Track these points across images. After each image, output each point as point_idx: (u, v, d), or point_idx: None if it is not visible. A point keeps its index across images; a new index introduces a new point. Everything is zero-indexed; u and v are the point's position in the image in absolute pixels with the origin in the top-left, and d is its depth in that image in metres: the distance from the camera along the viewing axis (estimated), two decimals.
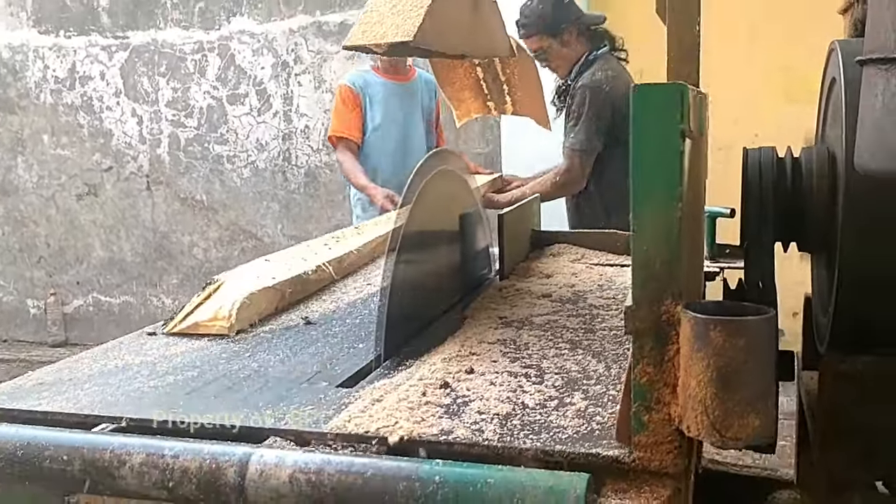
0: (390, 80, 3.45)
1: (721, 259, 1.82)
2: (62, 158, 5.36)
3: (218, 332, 1.38)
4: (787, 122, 1.47)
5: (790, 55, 4.10)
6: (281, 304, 1.56)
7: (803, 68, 4.09)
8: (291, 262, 1.73)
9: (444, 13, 1.31)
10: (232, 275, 1.59)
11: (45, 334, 5.47)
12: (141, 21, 5.06)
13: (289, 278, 1.60)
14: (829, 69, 1.45)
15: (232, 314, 1.39)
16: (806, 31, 3.95)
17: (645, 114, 0.81)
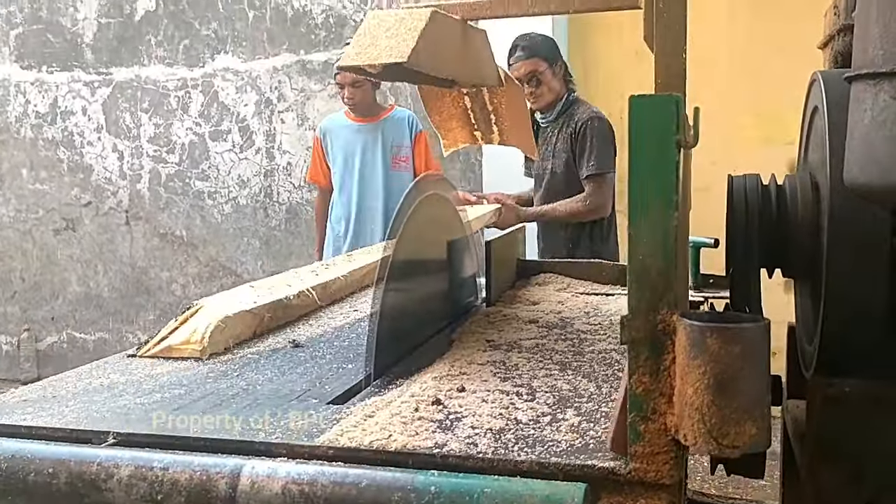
0: (355, 122, 3.76)
1: (705, 289, 1.84)
2: (41, 193, 5.32)
3: (190, 356, 1.36)
4: (764, 164, 1.52)
5: (765, 99, 4.20)
6: (259, 329, 1.54)
7: (777, 112, 4.20)
8: (275, 288, 1.71)
9: (437, 39, 1.33)
10: (212, 300, 1.58)
11: (17, 371, 5.37)
12: (125, 57, 5.08)
13: (268, 302, 1.58)
14: (810, 99, 1.48)
15: (205, 337, 1.38)
16: (780, 75, 4.05)
17: (641, 125, 0.83)
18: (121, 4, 5.05)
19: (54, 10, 5.16)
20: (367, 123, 3.75)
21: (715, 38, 4.21)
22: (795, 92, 1.65)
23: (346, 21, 4.67)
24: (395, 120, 3.78)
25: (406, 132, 3.77)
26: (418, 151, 3.79)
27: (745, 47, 4.23)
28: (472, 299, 1.75)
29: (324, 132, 3.83)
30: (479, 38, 1.59)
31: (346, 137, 3.76)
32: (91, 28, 5.12)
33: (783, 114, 4.17)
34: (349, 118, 3.79)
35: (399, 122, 3.77)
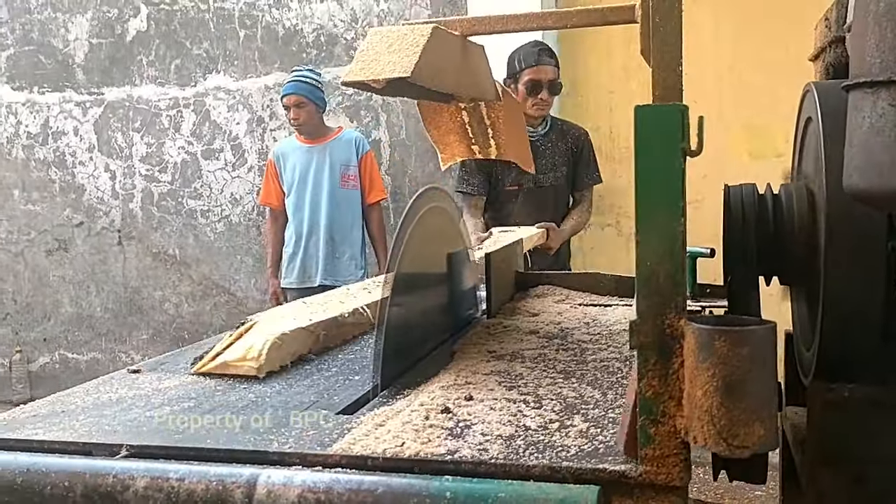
0: (305, 144, 4.07)
1: (702, 299, 1.86)
2: (32, 214, 5.32)
3: (246, 373, 1.34)
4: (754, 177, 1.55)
5: (752, 114, 4.26)
6: (315, 347, 1.50)
7: (765, 126, 4.26)
8: (329, 305, 1.68)
9: (438, 54, 1.36)
10: (266, 315, 1.55)
11: (9, 392, 5.34)
12: (116, 78, 5.10)
13: (324, 320, 1.53)
14: (803, 110, 1.51)
15: (262, 354, 1.35)
16: (766, 91, 4.11)
17: (647, 133, 0.85)
18: (112, 25, 5.07)
19: (46, 31, 5.18)
20: (317, 145, 4.05)
21: (701, 55, 4.26)
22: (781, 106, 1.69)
23: (337, 39, 4.70)
24: (343, 141, 4.09)
25: (353, 152, 4.08)
26: (364, 171, 4.11)
27: (730, 63, 4.28)
28: (472, 311, 1.76)
29: (277, 156, 4.13)
30: (478, 54, 1.61)
31: (297, 159, 4.06)
32: (82, 48, 5.13)
33: (771, 128, 4.23)
34: (299, 141, 4.10)
35: (347, 143, 4.08)
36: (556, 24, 1.57)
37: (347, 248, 4.06)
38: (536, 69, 3.38)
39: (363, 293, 1.82)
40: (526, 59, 3.40)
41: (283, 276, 4.14)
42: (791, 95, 1.56)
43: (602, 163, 3.85)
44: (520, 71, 3.42)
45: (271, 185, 4.14)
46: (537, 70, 3.38)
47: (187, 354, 1.53)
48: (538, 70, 3.38)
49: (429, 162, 4.53)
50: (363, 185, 4.08)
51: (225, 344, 1.41)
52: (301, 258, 4.06)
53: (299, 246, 4.07)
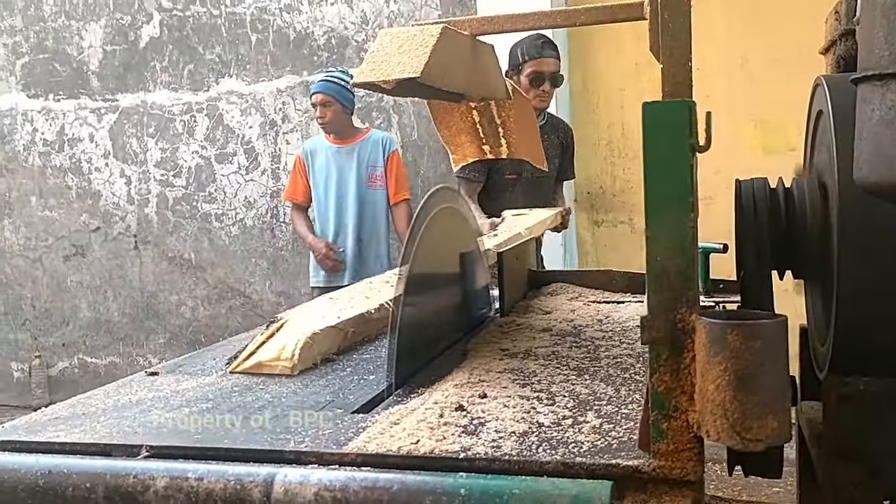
0: (334, 144, 4.08)
1: (716, 294, 1.86)
2: (50, 220, 5.37)
3: (280, 372, 1.36)
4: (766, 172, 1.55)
5: (764, 109, 4.24)
6: (343, 344, 1.53)
7: (777, 120, 4.24)
8: (354, 301, 1.69)
9: (448, 54, 1.37)
10: (295, 313, 1.57)
11: (29, 397, 5.39)
12: (130, 84, 5.14)
13: (352, 317, 1.55)
14: (814, 103, 1.51)
15: (295, 354, 1.37)
16: (777, 85, 4.10)
17: (656, 130, 0.85)
18: (125, 32, 5.11)
19: (60, 39, 5.23)
20: (345, 145, 4.07)
21: (712, 50, 4.25)
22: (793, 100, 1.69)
23: (348, 42, 4.72)
24: (370, 142, 4.10)
25: (381, 153, 4.08)
26: (390, 170, 4.10)
27: (742, 58, 4.26)
28: (485, 310, 1.77)
29: (306, 153, 4.14)
30: (487, 53, 1.62)
31: (325, 159, 4.08)
32: (97, 56, 5.18)
33: (783, 122, 4.21)
34: (328, 141, 4.11)
35: (374, 144, 4.09)
36: (564, 23, 1.57)
37: (374, 248, 4.10)
38: (539, 61, 3.39)
39: (386, 287, 1.83)
40: (529, 52, 3.41)
41: (311, 276, 4.18)
42: (804, 89, 1.56)
43: (614, 160, 3.85)
44: (522, 63, 3.43)
45: (299, 181, 4.14)
46: (540, 62, 3.39)
47: (205, 356, 1.55)
48: (541, 62, 3.39)
49: (441, 162, 4.53)
50: (388, 185, 4.08)
51: (257, 343, 1.43)
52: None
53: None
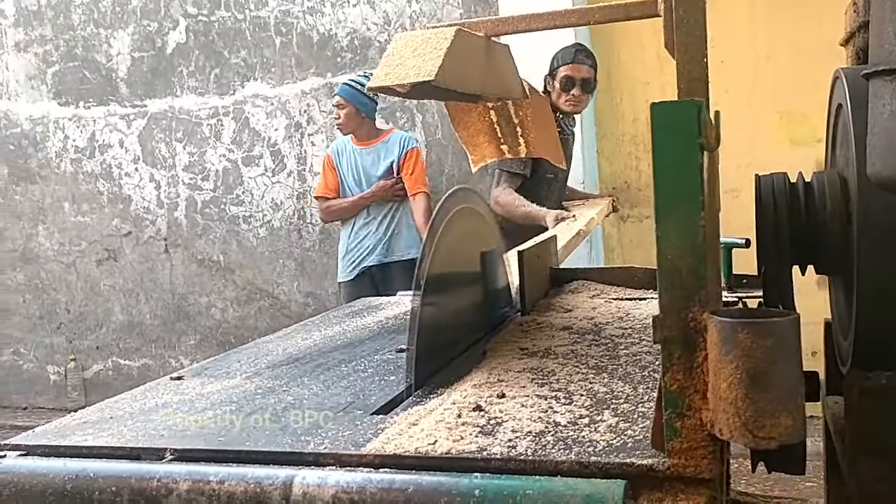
0: (358, 146, 4.24)
1: (738, 289, 1.85)
2: (82, 225, 5.46)
3: None
4: (792, 165, 1.54)
5: (790, 100, 4.19)
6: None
7: (803, 112, 4.19)
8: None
9: (462, 56, 1.38)
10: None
11: (65, 400, 5.50)
12: (158, 89, 5.21)
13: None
14: (834, 96, 1.50)
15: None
16: (803, 75, 4.05)
17: (664, 129, 0.86)
18: (152, 38, 5.18)
19: (89, 47, 5.31)
20: (366, 147, 4.22)
21: (737, 41, 4.21)
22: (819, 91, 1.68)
23: (371, 42, 4.75)
24: (391, 143, 4.23)
25: (399, 150, 4.20)
26: (408, 164, 4.20)
27: (767, 49, 4.22)
28: (507, 310, 1.78)
29: (335, 151, 4.30)
30: (503, 53, 1.62)
31: (349, 160, 4.23)
32: (125, 62, 5.26)
33: (809, 114, 4.16)
34: (353, 142, 4.25)
35: (394, 145, 4.22)
36: (579, 22, 1.57)
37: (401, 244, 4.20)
38: (572, 66, 3.59)
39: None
40: (563, 57, 3.61)
41: (340, 272, 4.31)
42: (829, 80, 1.54)
43: (639, 155, 3.87)
44: (556, 68, 3.63)
45: (329, 175, 4.27)
46: (573, 67, 3.60)
47: (229, 359, 1.57)
48: (573, 67, 3.60)
49: (465, 161, 4.54)
50: (405, 178, 4.18)
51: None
52: (356, 257, 4.20)
53: (354, 244, 4.21)
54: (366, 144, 4.22)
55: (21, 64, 5.43)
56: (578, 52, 3.62)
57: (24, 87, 5.44)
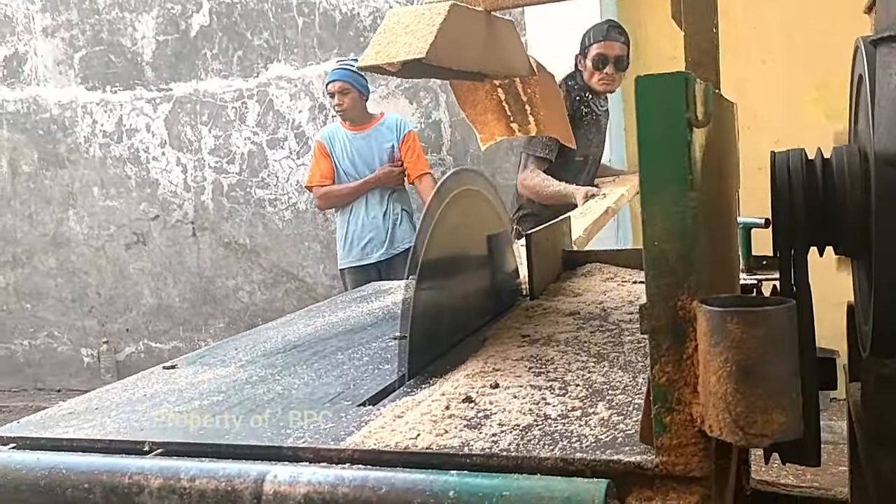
0: (350, 131, 4.20)
1: (758, 271, 1.78)
2: (111, 209, 5.50)
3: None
4: (828, 138, 1.45)
5: (826, 73, 4.05)
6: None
7: (840, 85, 4.04)
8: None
9: (458, 32, 1.32)
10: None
11: (98, 382, 5.56)
12: (183, 73, 5.21)
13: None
14: (855, 67, 1.41)
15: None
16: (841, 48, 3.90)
17: (649, 104, 0.80)
18: (176, 21, 5.18)
19: (114, 31, 5.33)
20: (361, 132, 4.19)
21: (770, 13, 4.07)
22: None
23: None
24: (385, 126, 4.22)
25: (396, 134, 4.20)
26: (405, 149, 4.19)
27: (800, 20, 4.07)
28: (513, 295, 1.72)
29: (326, 138, 4.24)
30: (506, 29, 1.56)
31: (344, 146, 4.18)
32: (150, 46, 5.26)
33: (845, 86, 4.01)
34: (345, 128, 4.22)
35: (389, 128, 4.21)
36: None
37: (400, 228, 4.19)
38: (604, 44, 3.46)
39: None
40: (595, 35, 3.48)
41: (341, 258, 4.28)
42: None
43: None
44: (588, 46, 3.51)
45: (323, 162, 4.20)
46: (605, 45, 3.46)
47: (227, 347, 1.55)
48: (606, 45, 3.46)
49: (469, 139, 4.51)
50: (407, 162, 4.17)
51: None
52: (356, 241, 4.18)
53: (353, 230, 4.18)
54: (360, 129, 4.18)
55: (49, 49, 5.46)
56: (611, 28, 3.50)
57: (52, 73, 5.48)
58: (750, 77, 4.14)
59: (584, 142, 3.47)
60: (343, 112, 4.14)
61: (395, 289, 2.06)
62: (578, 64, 3.59)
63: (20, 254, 5.72)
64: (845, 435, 2.71)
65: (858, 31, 2.06)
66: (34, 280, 5.72)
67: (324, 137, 4.24)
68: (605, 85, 3.52)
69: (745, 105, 2.12)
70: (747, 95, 3.84)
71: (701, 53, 1.28)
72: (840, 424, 3.51)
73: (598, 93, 3.56)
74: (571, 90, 3.54)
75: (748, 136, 3.76)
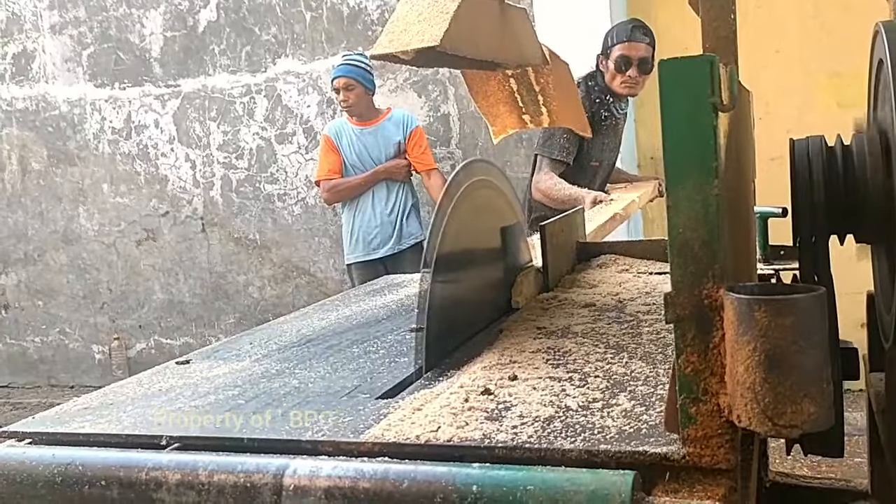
0: (357, 126, 4.16)
1: (775, 261, 1.76)
2: (121, 206, 5.51)
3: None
4: (841, 127, 1.43)
5: (839, 61, 4.01)
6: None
7: (853, 73, 4.00)
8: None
9: (471, 20, 1.30)
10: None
11: (110, 379, 5.57)
12: (191, 69, 5.20)
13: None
14: (875, 52, 1.39)
15: None
16: (854, 36, 3.86)
17: (673, 89, 0.78)
18: (184, 17, 5.17)
19: (122, 28, 5.33)
20: (368, 127, 4.15)
21: (783, 3, 4.03)
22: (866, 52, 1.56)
23: None
24: (392, 122, 4.18)
25: (403, 129, 4.16)
26: (414, 144, 4.16)
27: (813, 9, 4.04)
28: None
29: (333, 132, 4.20)
30: (519, 17, 1.54)
31: (350, 141, 4.15)
32: (158, 42, 5.26)
33: (860, 73, 3.97)
34: (352, 123, 4.18)
35: (396, 124, 4.17)
36: None
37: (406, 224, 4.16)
38: (628, 45, 3.29)
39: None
40: (618, 35, 3.33)
41: (347, 253, 4.25)
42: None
43: None
44: (611, 46, 3.34)
45: (332, 155, 4.16)
46: (629, 46, 3.29)
47: (241, 341, 1.54)
48: (629, 46, 3.29)
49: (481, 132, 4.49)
50: (414, 159, 4.15)
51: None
52: (362, 236, 4.15)
53: (360, 225, 4.15)
54: (367, 124, 4.15)
55: (57, 46, 5.46)
56: (636, 28, 3.31)
57: (60, 70, 5.48)
58: (763, 66, 4.10)
59: (599, 146, 3.39)
60: (349, 108, 4.11)
61: (407, 282, 2.04)
62: (600, 64, 3.43)
63: (31, 251, 5.74)
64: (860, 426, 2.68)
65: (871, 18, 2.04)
66: (46, 277, 5.74)
67: (331, 132, 4.22)
68: (628, 88, 3.35)
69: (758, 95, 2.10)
70: (760, 85, 3.81)
71: (719, 41, 1.25)
72: (854, 416, 3.49)
73: (619, 96, 3.41)
74: (591, 91, 3.38)
75: (761, 125, 3.73)
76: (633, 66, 3.31)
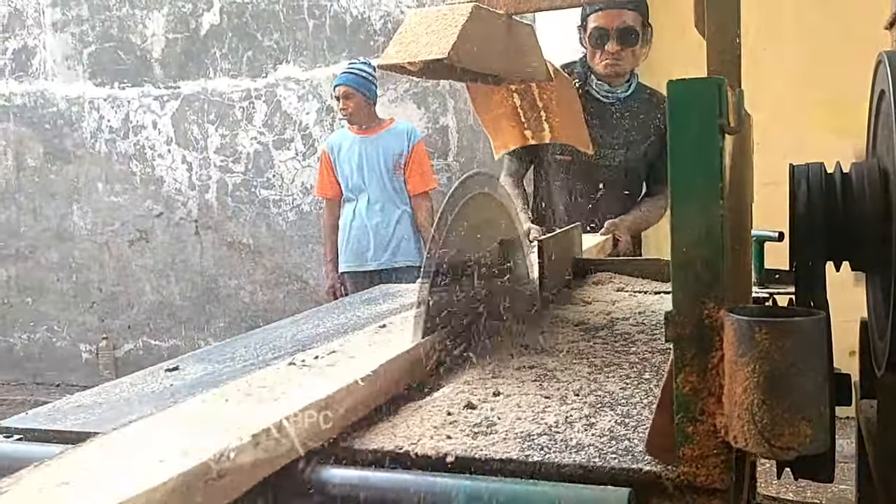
0: (358, 135, 4.10)
1: (770, 285, 1.77)
2: (115, 206, 5.49)
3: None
4: (836, 154, 1.44)
5: (836, 88, 4.05)
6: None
7: (848, 101, 4.04)
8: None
9: (479, 34, 1.31)
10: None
11: (97, 378, 5.54)
12: (191, 71, 5.21)
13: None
14: (877, 82, 1.41)
15: None
16: (849, 63, 3.90)
17: (682, 109, 0.79)
18: (187, 20, 5.18)
19: (124, 28, 5.33)
20: (369, 135, 4.09)
21: (780, 27, 4.07)
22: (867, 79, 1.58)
23: None
24: (394, 132, 4.11)
25: (405, 143, 4.09)
26: (414, 161, 4.10)
27: (812, 34, 4.08)
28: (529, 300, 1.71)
29: (331, 146, 4.16)
30: (525, 33, 1.55)
31: (350, 149, 4.09)
32: (159, 44, 5.26)
33: (856, 102, 4.01)
34: (353, 132, 4.13)
35: (398, 135, 4.10)
36: None
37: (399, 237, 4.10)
38: (603, 14, 2.59)
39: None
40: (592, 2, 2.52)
41: (340, 262, 4.21)
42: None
43: None
44: (586, 16, 2.67)
45: (325, 176, 4.19)
46: (605, 15, 2.59)
47: (235, 346, 1.53)
48: (605, 15, 2.59)
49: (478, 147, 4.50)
50: (410, 175, 4.08)
51: None
52: (355, 245, 4.11)
53: (353, 233, 4.12)
54: (368, 133, 4.11)
55: (58, 44, 5.46)
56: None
57: (60, 68, 5.48)
58: (760, 93, 4.14)
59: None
60: (349, 116, 4.09)
61: (403, 291, 2.04)
62: (582, 41, 2.75)
63: (23, 248, 5.71)
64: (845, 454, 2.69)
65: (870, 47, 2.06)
66: (36, 274, 5.71)
67: (329, 146, 4.19)
68: (610, 66, 2.64)
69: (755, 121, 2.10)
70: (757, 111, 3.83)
71: (723, 63, 1.27)
72: (840, 443, 3.49)
73: (603, 77, 2.71)
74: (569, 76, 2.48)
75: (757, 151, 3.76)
76: (611, 38, 2.61)
